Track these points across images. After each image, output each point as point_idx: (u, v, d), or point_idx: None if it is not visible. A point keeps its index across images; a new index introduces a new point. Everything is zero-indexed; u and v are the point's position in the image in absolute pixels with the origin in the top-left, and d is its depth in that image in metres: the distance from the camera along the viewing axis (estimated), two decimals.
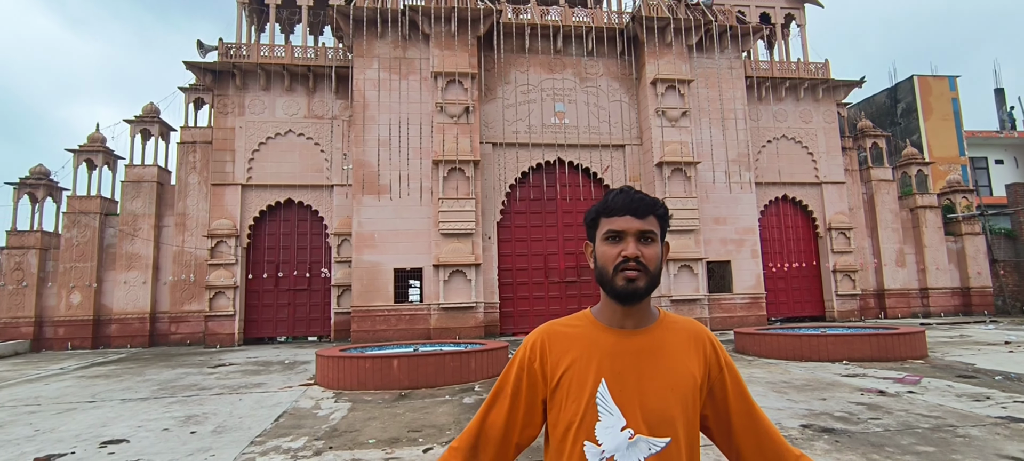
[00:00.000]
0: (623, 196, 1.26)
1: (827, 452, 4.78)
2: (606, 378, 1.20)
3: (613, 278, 1.21)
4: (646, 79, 19.15)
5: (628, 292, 1.20)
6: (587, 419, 1.19)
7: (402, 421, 6.54)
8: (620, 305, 1.24)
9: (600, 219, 1.27)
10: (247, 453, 5.43)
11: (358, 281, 17.07)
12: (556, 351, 1.25)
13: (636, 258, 1.20)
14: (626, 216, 1.23)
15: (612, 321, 1.26)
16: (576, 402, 1.20)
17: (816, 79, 21.65)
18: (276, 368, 11.85)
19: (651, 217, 1.25)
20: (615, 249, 1.22)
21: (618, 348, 1.23)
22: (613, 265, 1.21)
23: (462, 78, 17.78)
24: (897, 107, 30.76)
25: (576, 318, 1.31)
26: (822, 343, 10.51)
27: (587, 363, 1.22)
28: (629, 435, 1.17)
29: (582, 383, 1.21)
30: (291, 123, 18.93)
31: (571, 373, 1.22)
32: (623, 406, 1.19)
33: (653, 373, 1.22)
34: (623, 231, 1.23)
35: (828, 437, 5.24)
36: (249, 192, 18.59)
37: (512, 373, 1.28)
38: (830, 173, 21.59)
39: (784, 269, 21.36)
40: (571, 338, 1.26)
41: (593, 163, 19.42)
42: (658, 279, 1.24)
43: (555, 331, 1.28)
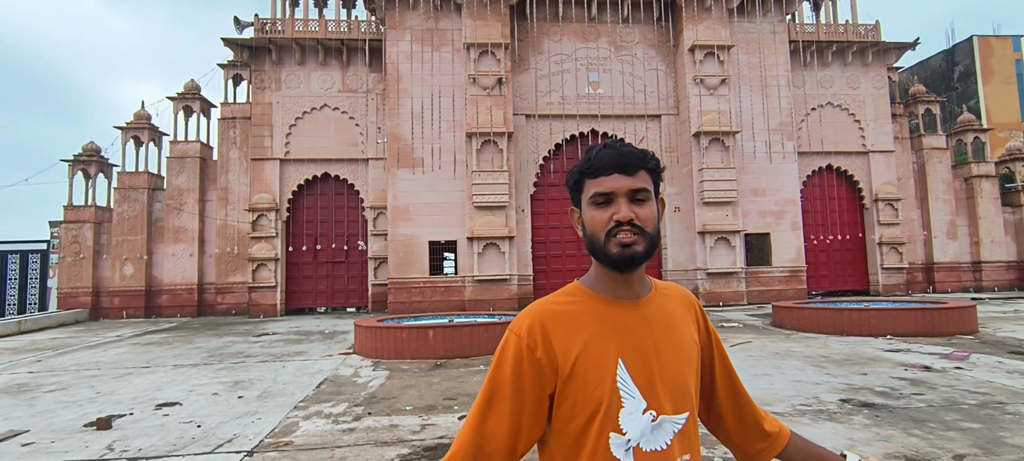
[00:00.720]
0: (609, 152, 1.09)
1: (866, 426, 4.68)
2: (623, 358, 1.06)
3: (606, 245, 1.07)
4: (684, 46, 18.59)
5: (625, 259, 1.06)
6: (612, 407, 1.03)
7: (438, 389, 6.69)
8: (619, 274, 1.09)
9: (585, 181, 1.11)
10: (291, 417, 5.65)
11: (394, 253, 17.37)
12: (562, 334, 1.06)
13: (630, 221, 1.06)
14: (614, 174, 1.08)
15: (614, 292, 1.11)
16: (598, 389, 1.04)
17: (865, 42, 20.62)
18: (316, 337, 12.23)
19: (642, 172, 1.09)
20: (605, 213, 1.07)
21: (629, 322, 1.09)
22: (605, 231, 1.07)
23: (495, 49, 17.62)
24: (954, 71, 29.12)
25: (569, 293, 1.13)
26: (864, 317, 10.21)
27: (602, 343, 1.07)
28: (652, 418, 1.05)
29: (602, 366, 1.05)
30: (326, 97, 19.18)
31: (587, 357, 1.05)
32: (643, 386, 1.06)
33: (668, 345, 1.11)
34: (613, 192, 1.07)
35: (868, 411, 5.13)
36: (287, 166, 19.01)
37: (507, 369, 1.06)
38: (878, 142, 20.69)
39: (826, 242, 20.73)
40: (575, 316, 1.08)
41: (628, 134, 19.09)
42: (657, 240, 1.10)
43: (553, 311, 1.09)
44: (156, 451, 4.68)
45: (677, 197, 19.09)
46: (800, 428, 4.71)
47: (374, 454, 4.46)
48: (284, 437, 5.00)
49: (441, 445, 4.61)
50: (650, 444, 1.04)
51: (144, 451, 4.68)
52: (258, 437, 4.99)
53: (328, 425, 5.33)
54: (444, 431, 5.00)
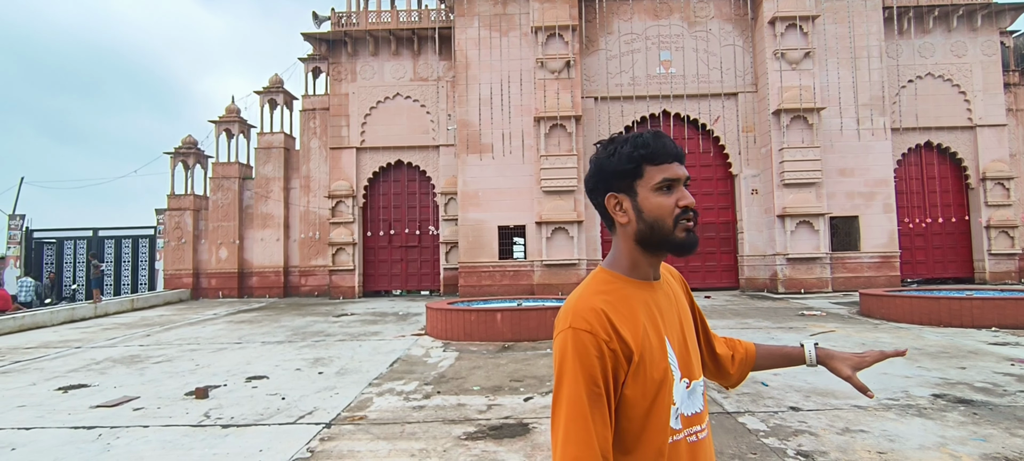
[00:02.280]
0: (665, 141, 1.15)
1: (961, 424, 4.33)
2: (669, 336, 1.15)
3: (674, 231, 1.13)
4: (763, 18, 17.60)
5: (690, 243, 1.14)
6: (668, 382, 1.11)
7: (504, 371, 6.81)
8: (678, 255, 1.17)
9: (644, 167, 1.14)
10: (366, 393, 5.95)
11: (464, 238, 17.72)
12: (625, 322, 1.09)
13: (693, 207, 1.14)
14: (675, 163, 1.14)
15: (643, 274, 1.18)
16: (661, 368, 1.11)
17: (974, 4, 18.65)
18: (391, 319, 12.74)
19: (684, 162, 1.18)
20: (671, 199, 1.13)
21: (661, 302, 1.18)
22: (672, 217, 1.12)
23: (562, 31, 17.43)
24: None
25: (607, 284, 1.16)
26: (965, 307, 9.38)
27: (655, 325, 1.13)
28: (686, 385, 1.15)
29: (659, 347, 1.12)
30: (398, 86, 19.73)
31: (648, 341, 1.10)
32: (680, 357, 1.16)
33: (685, 319, 1.23)
34: (676, 179, 1.14)
35: (964, 408, 4.74)
36: (363, 154, 19.77)
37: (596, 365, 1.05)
38: (987, 115, 18.76)
39: (923, 225, 19.13)
40: (626, 302, 1.12)
41: (702, 114, 18.40)
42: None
43: (608, 302, 1.11)
44: (246, 419, 5.08)
45: (755, 179, 18.22)
46: (886, 424, 4.43)
47: (441, 430, 4.62)
48: (359, 411, 5.28)
49: (506, 425, 4.71)
50: (689, 408, 1.15)
51: (235, 419, 5.09)
52: (335, 410, 5.30)
53: (399, 402, 5.57)
54: (509, 411, 5.10)
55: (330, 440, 4.45)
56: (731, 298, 15.88)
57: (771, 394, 5.38)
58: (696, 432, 1.16)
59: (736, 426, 4.49)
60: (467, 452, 4.10)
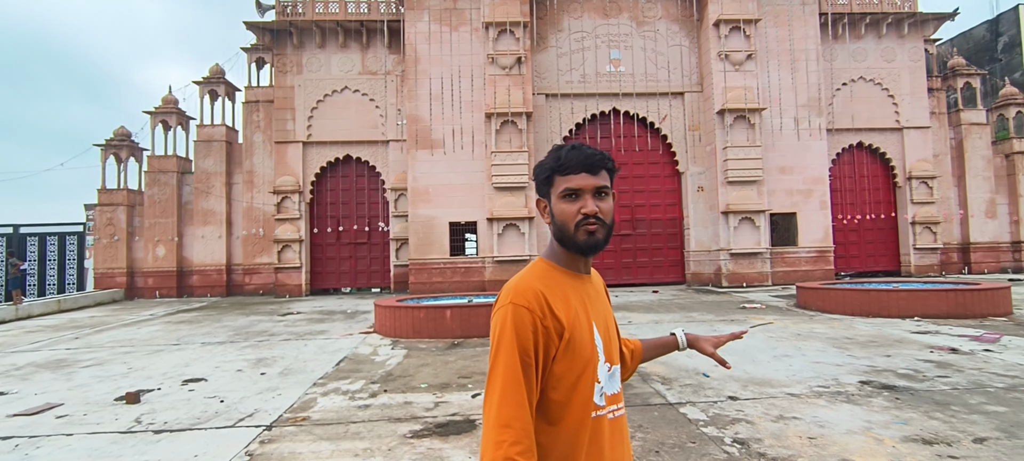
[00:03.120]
0: (577, 153, 1.29)
1: (885, 409, 4.59)
2: (595, 322, 1.30)
3: (575, 234, 1.27)
4: (708, 20, 18.13)
5: (591, 245, 1.28)
6: (593, 361, 1.26)
7: (453, 368, 6.77)
8: (583, 256, 1.32)
9: (555, 177, 1.30)
10: (310, 393, 5.79)
11: (414, 235, 17.52)
12: (559, 304, 1.24)
13: (595, 214, 1.26)
14: (581, 174, 1.28)
15: (575, 268, 1.33)
16: (588, 348, 1.26)
17: (901, 13, 19.80)
18: (338, 317, 12.46)
19: (603, 172, 1.30)
20: (574, 206, 1.27)
21: (590, 293, 1.34)
22: (574, 222, 1.27)
23: (513, 27, 17.45)
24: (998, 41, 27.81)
25: (545, 271, 1.30)
26: (892, 298, 9.95)
27: (584, 310, 1.29)
28: (608, 368, 1.31)
29: (587, 329, 1.27)
30: (346, 80, 19.28)
31: (578, 322, 1.25)
32: (604, 343, 1.31)
33: (606, 312, 1.39)
34: (580, 189, 1.27)
35: (888, 394, 5.02)
36: (310, 149, 19.23)
37: (528, 337, 1.18)
38: (913, 117, 19.96)
39: (856, 221, 20.20)
40: (561, 288, 1.28)
41: (650, 112, 18.79)
42: (612, 229, 1.32)
43: (545, 284, 1.26)
44: (181, 424, 4.85)
45: (701, 176, 18.77)
46: (817, 410, 4.64)
47: (387, 429, 4.54)
48: (302, 412, 5.13)
49: (453, 421, 4.68)
50: (611, 388, 1.31)
51: (169, 424, 4.86)
52: (277, 412, 5.13)
53: (345, 401, 5.45)
54: (456, 408, 5.07)
55: (271, 442, 4.31)
56: (677, 292, 16.32)
57: (711, 385, 5.55)
58: (615, 410, 1.31)
59: (678, 417, 4.60)
60: (412, 450, 4.05)
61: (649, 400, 5.10)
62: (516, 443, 1.13)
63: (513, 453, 1.12)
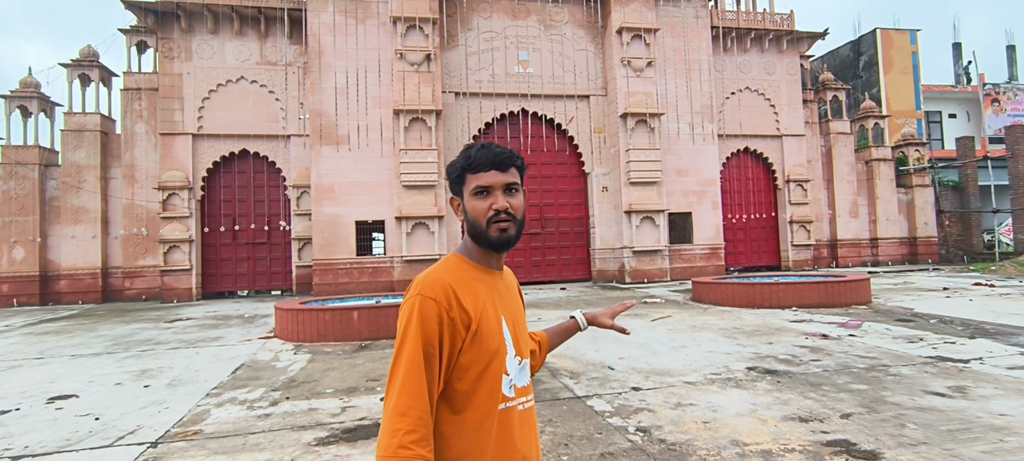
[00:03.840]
0: (486, 152, 1.33)
1: (768, 392, 5.00)
2: (504, 316, 1.34)
3: (487, 230, 1.31)
4: (612, 27, 18.89)
5: (502, 241, 1.32)
6: (501, 353, 1.30)
7: (361, 371, 6.56)
8: (496, 252, 1.36)
9: (466, 175, 1.34)
10: (202, 405, 5.38)
11: (319, 234, 16.80)
12: (467, 297, 1.27)
13: (506, 210, 1.30)
14: (491, 171, 1.32)
15: (487, 264, 1.37)
16: (496, 339, 1.29)
17: (781, 30, 21.72)
18: (235, 322, 11.69)
19: (512, 169, 1.34)
20: (485, 203, 1.31)
21: (500, 288, 1.38)
22: (485, 218, 1.30)
23: (422, 23, 17.21)
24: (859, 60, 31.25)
25: (456, 265, 1.33)
26: (773, 291, 10.90)
27: (493, 304, 1.32)
28: (519, 362, 1.36)
29: (496, 321, 1.31)
30: (243, 70, 18.10)
31: (486, 315, 1.29)
32: (514, 337, 1.36)
33: (517, 308, 1.43)
34: (491, 186, 1.31)
35: (771, 378, 5.48)
36: (201, 142, 17.87)
37: (432, 328, 1.22)
38: (791, 126, 21.96)
39: (743, 220, 21.91)
40: (471, 283, 1.31)
41: (557, 114, 19.26)
42: (524, 225, 1.36)
43: (455, 278, 1.29)
44: (45, 447, 4.32)
45: (605, 177, 19.51)
46: (710, 396, 4.97)
47: (290, 438, 4.32)
48: (193, 426, 4.75)
49: (361, 426, 4.53)
50: (520, 381, 1.35)
51: (31, 448, 4.31)
52: (164, 427, 4.72)
53: (242, 411, 5.11)
54: (365, 412, 4.91)
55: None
56: (584, 289, 16.87)
57: (617, 377, 5.78)
58: (524, 402, 1.35)
59: (585, 409, 4.75)
60: (317, 458, 3.87)
61: (558, 395, 5.22)
62: (412, 432, 1.15)
63: (408, 442, 1.14)
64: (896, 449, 3.55)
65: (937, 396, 4.65)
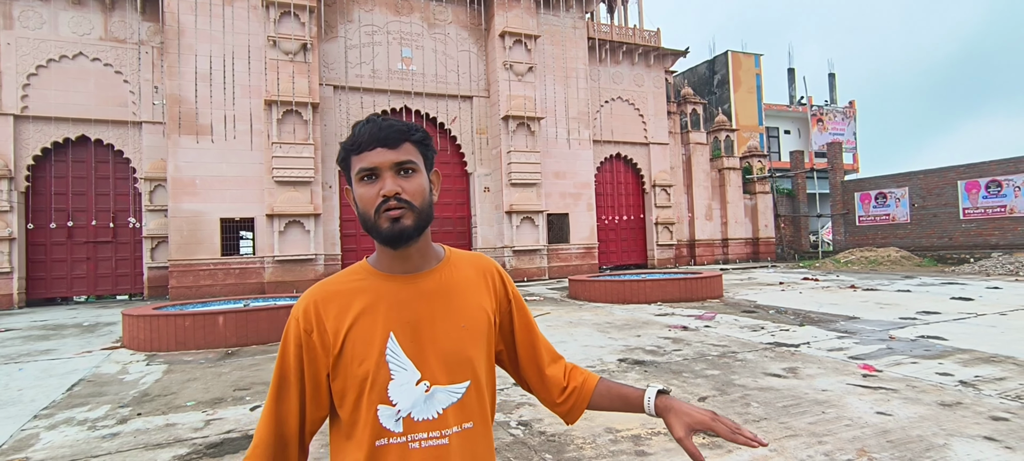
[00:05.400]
0: (370, 127, 1.08)
1: (637, 381, 5.39)
2: (394, 331, 1.08)
3: (376, 221, 1.07)
4: (495, 31, 19.21)
5: (395, 234, 1.06)
6: (379, 380, 1.06)
7: (227, 380, 6.07)
8: (392, 248, 1.10)
9: (350, 158, 1.10)
10: (28, 429, 4.66)
11: (177, 232, 15.27)
12: (332, 313, 1.09)
13: (396, 195, 1.06)
14: (376, 149, 1.07)
15: (392, 268, 1.13)
16: (364, 364, 1.06)
17: (649, 46, 23.44)
18: (72, 332, 10.26)
19: (407, 145, 1.09)
20: (373, 189, 1.07)
21: (403, 296, 1.11)
22: (374, 207, 1.06)
23: (298, 11, 16.30)
24: (714, 78, 34.64)
25: (352, 271, 1.15)
26: (641, 288, 11.74)
27: (372, 319, 1.08)
28: (425, 388, 1.08)
29: (369, 342, 1.07)
30: (82, 45, 15.93)
31: (355, 334, 1.07)
32: (416, 358, 1.08)
33: (445, 315, 1.12)
34: (377, 167, 1.07)
35: (639, 368, 5.92)
36: (25, 125, 15.45)
37: (291, 354, 1.09)
38: (657, 135, 23.78)
39: (615, 221, 23.34)
40: (348, 295, 1.10)
41: (440, 113, 19.21)
42: (428, 214, 1.11)
43: (327, 291, 1.11)
44: None
45: (487, 177, 19.79)
46: None
47: (143, 459, 3.89)
48: (17, 453, 4.11)
49: (228, 440, 4.20)
50: (422, 413, 1.07)
51: None
52: None
53: (82, 432, 4.51)
54: (232, 425, 4.56)
55: None
56: None
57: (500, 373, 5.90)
58: (423, 439, 1.07)
59: None
60: None
61: None
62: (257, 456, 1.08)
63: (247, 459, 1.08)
64: (743, 425, 4.01)
65: (775, 377, 5.31)
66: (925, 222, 22.30)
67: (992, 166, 20.37)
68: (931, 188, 22.14)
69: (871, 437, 3.66)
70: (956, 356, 5.96)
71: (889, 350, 6.38)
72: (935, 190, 22.01)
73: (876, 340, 6.99)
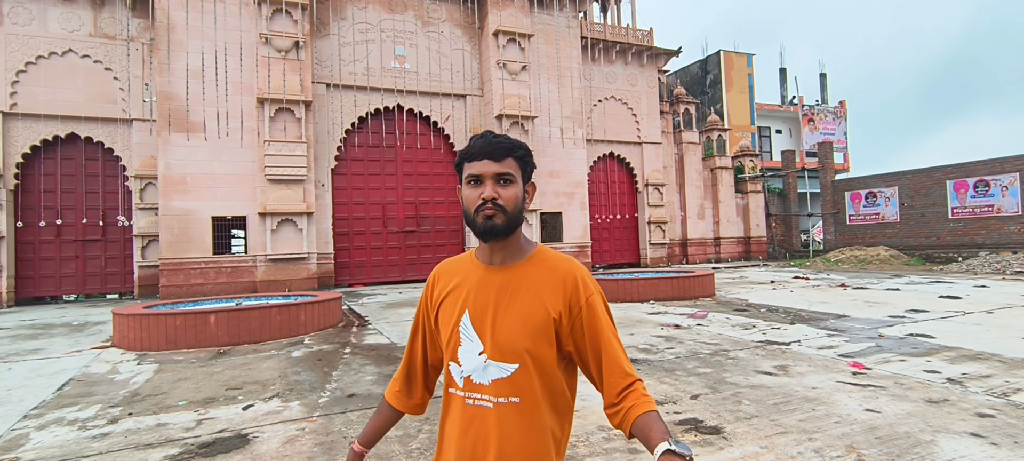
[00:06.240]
0: (481, 141, 1.33)
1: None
2: (469, 309, 1.34)
3: (475, 218, 1.32)
4: (488, 29, 19.20)
5: (486, 230, 1.31)
6: (452, 343, 1.35)
7: (219, 380, 6.05)
8: (484, 242, 1.35)
9: (463, 164, 1.36)
10: (18, 429, 4.63)
11: (168, 230, 15.17)
12: (441, 283, 1.43)
13: (493, 199, 1.29)
14: (484, 160, 1.32)
15: (483, 258, 1.39)
16: (447, 328, 1.37)
17: (642, 46, 23.50)
18: (60, 331, 10.18)
19: (508, 160, 1.32)
20: (476, 192, 1.32)
21: (482, 283, 1.35)
22: (474, 207, 1.32)
23: (291, 8, 16.23)
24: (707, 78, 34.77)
25: (463, 256, 1.44)
26: (634, 286, 11.78)
27: (458, 295, 1.37)
28: (483, 359, 1.31)
29: (451, 313, 1.37)
30: (71, 41, 15.78)
31: (447, 303, 1.39)
32: (480, 334, 1.32)
33: (507, 306, 1.32)
34: (482, 175, 1.32)
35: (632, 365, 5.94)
36: (14, 122, 15.30)
37: (420, 306, 1.49)
38: (650, 134, 23.85)
39: (608, 220, 23.40)
40: (452, 274, 1.42)
41: (434, 111, 19.18)
42: (518, 218, 1.33)
43: (443, 267, 1.46)
44: None
45: None
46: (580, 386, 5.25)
47: (134, 459, 3.87)
48: (6, 454, 4.08)
49: (221, 439, 4.19)
50: (478, 378, 1.32)
51: None
52: None
53: (72, 433, 4.48)
54: (225, 424, 4.54)
55: None
56: None
57: None
58: (477, 398, 1.31)
59: None
60: None
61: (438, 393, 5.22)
62: (396, 380, 1.54)
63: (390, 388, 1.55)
64: (735, 423, 4.04)
65: (766, 375, 5.35)
66: (914, 221, 22.51)
67: (979, 166, 20.60)
68: (920, 188, 22.36)
69: (860, 434, 3.70)
70: (943, 354, 6.03)
71: (878, 348, 6.44)
72: (924, 190, 22.23)
73: (865, 338, 7.06)
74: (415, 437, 4.01)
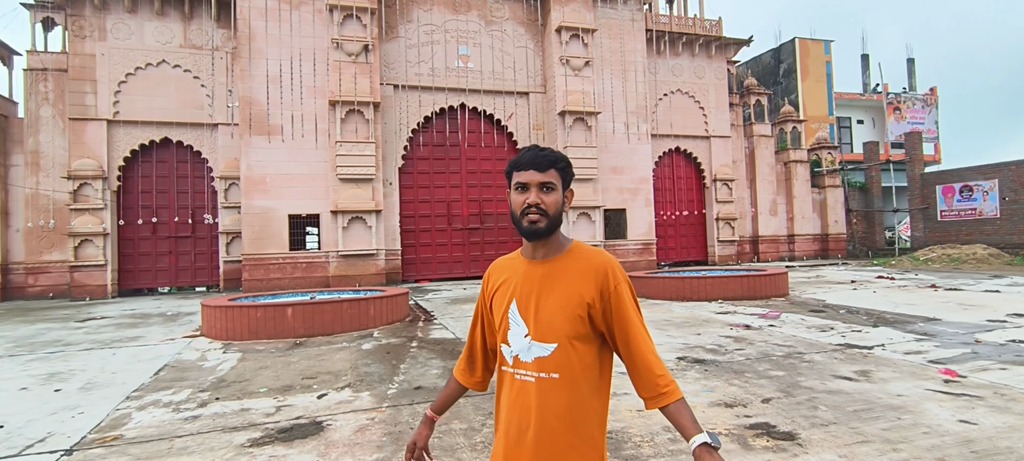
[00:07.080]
0: (529, 153, 1.53)
1: (697, 380, 5.28)
2: (516, 298, 1.54)
3: (520, 220, 1.50)
4: (551, 26, 19.14)
5: (530, 231, 1.50)
6: (503, 327, 1.57)
7: (296, 369, 6.38)
8: (528, 241, 1.55)
9: (512, 172, 1.55)
10: (122, 409, 5.07)
11: (249, 228, 16.12)
12: (494, 278, 1.64)
13: (537, 205, 1.48)
14: (530, 170, 1.50)
15: (528, 254, 1.58)
16: (499, 315, 1.59)
17: (710, 36, 22.72)
18: (156, 320, 11.05)
19: (552, 170, 1.51)
20: (522, 197, 1.50)
21: (528, 275, 1.55)
22: (520, 210, 1.50)
23: (360, 13, 16.81)
24: (780, 67, 33.14)
25: (513, 254, 1.64)
26: (701, 285, 11.44)
27: (507, 286, 1.58)
28: (528, 341, 1.51)
29: (502, 301, 1.58)
30: (165, 52, 17.05)
31: (499, 295, 1.60)
32: (525, 319, 1.52)
33: (548, 294, 1.51)
34: (528, 182, 1.50)
35: (699, 367, 5.79)
36: (117, 129, 16.71)
37: (479, 297, 1.71)
38: (718, 127, 23.04)
39: (673, 217, 22.81)
40: (504, 269, 1.63)
41: (497, 110, 19.34)
42: (559, 220, 1.52)
43: (497, 264, 1.66)
44: None
45: None
46: None
47: (221, 440, 4.15)
48: (112, 431, 4.48)
49: (298, 425, 4.42)
50: (524, 357, 1.52)
51: None
52: (79, 433, 4.42)
53: (167, 414, 4.86)
54: (301, 411, 4.80)
55: None
56: None
57: None
58: (523, 374, 1.52)
59: None
60: (251, 460, 3.76)
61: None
62: (461, 361, 1.79)
63: (457, 364, 1.79)
64: (810, 430, 3.85)
65: (845, 380, 5.07)
66: (1018, 217, 20.56)
67: None
68: None
69: (953, 446, 3.44)
70: None
71: (974, 354, 5.95)
72: None
73: (959, 343, 6.54)
74: (479, 430, 4.08)
